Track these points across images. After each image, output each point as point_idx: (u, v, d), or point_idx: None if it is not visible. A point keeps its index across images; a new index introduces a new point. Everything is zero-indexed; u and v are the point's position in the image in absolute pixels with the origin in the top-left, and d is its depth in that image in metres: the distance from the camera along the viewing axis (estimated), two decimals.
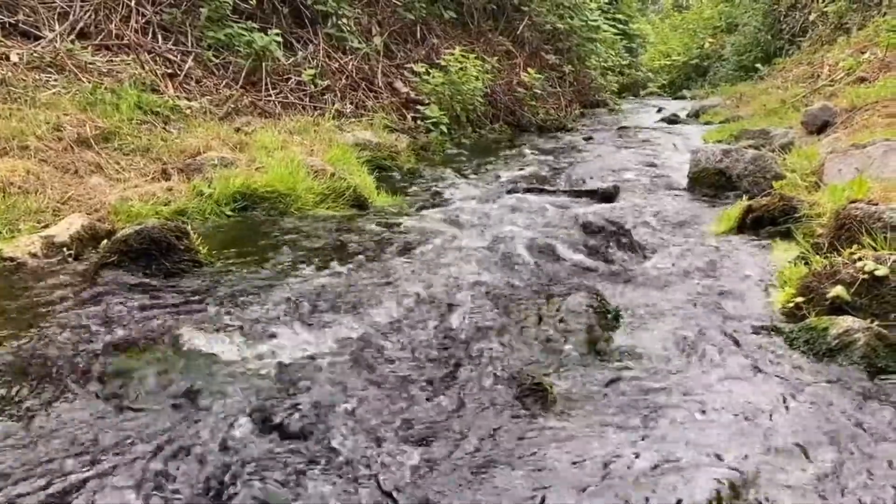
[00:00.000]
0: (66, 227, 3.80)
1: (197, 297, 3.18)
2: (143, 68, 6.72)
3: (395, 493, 1.91)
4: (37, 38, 6.43)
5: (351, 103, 8.65)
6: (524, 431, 2.23)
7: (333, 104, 8.23)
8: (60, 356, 2.54)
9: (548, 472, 2.01)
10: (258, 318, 2.96)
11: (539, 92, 11.85)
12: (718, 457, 2.09)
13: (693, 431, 2.23)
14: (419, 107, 9.21)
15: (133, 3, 7.33)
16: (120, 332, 2.75)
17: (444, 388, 2.47)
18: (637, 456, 2.09)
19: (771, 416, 2.31)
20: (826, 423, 2.27)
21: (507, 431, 2.22)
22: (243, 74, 7.66)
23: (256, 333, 2.82)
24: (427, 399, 2.39)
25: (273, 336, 2.80)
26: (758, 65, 15.83)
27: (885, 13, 11.96)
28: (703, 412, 2.36)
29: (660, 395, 2.48)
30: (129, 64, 6.67)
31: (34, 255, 3.53)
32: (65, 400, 2.28)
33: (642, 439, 2.19)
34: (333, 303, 3.18)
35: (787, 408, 2.36)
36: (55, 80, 5.91)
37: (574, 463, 2.06)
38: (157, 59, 7.12)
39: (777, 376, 2.59)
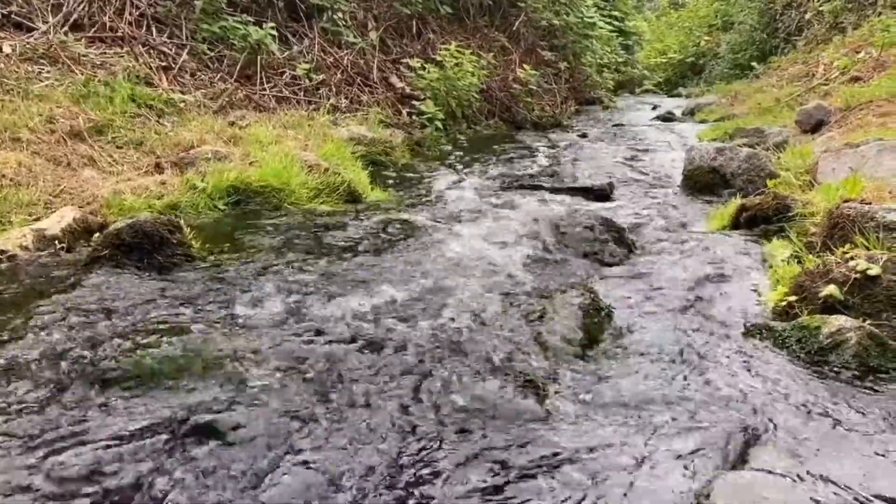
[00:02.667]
0: (58, 220, 3.78)
1: (189, 292, 3.16)
2: (136, 61, 6.69)
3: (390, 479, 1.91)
4: (30, 29, 6.39)
5: (346, 98, 8.63)
6: (517, 427, 2.23)
7: (328, 99, 8.21)
8: (50, 350, 2.52)
9: (536, 466, 2.01)
10: (250, 313, 2.96)
11: (535, 88, 11.83)
12: (704, 454, 2.09)
13: (682, 429, 2.24)
14: (414, 102, 9.19)
15: None
16: (111, 326, 2.73)
17: (434, 384, 2.47)
18: (622, 452, 2.10)
19: (761, 414, 2.32)
20: (815, 422, 2.27)
21: (500, 427, 2.22)
22: (238, 68, 7.63)
23: (247, 328, 2.81)
24: (418, 395, 2.39)
25: (263, 332, 2.79)
26: (753, 63, 15.85)
27: (880, 13, 11.98)
28: (693, 410, 2.36)
29: (650, 393, 2.48)
30: (122, 56, 6.63)
31: (25, 248, 3.51)
32: (54, 394, 2.27)
33: (630, 436, 2.19)
34: (325, 297, 3.17)
35: (776, 407, 2.36)
36: (48, 72, 5.88)
37: (561, 456, 2.06)
38: (152, 51, 7.08)
39: (768, 375, 2.59)
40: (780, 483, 1.92)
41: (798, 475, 1.97)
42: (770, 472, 1.97)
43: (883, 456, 2.09)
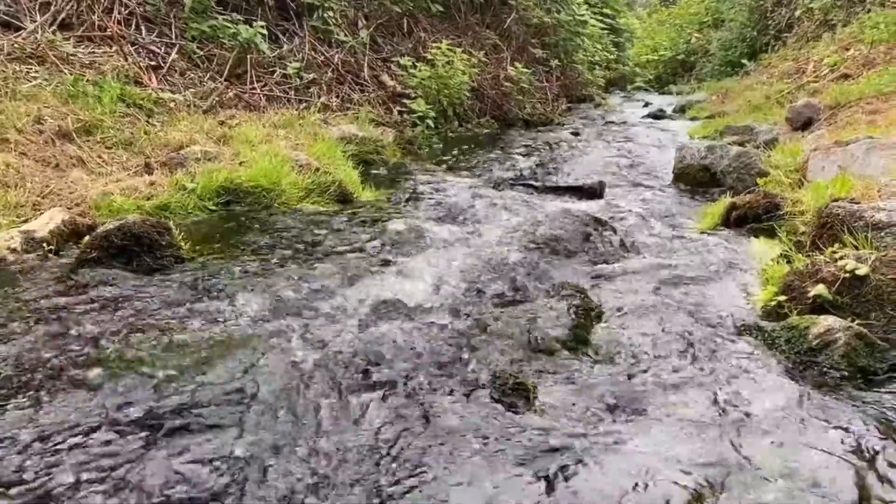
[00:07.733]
0: (47, 222, 3.75)
1: (178, 294, 3.15)
2: (125, 60, 6.65)
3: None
4: (18, 28, 6.34)
5: (337, 97, 8.60)
6: (506, 428, 2.23)
7: (319, 97, 8.18)
8: (38, 353, 2.51)
9: (522, 467, 2.01)
10: (240, 315, 2.95)
11: (526, 86, 11.83)
12: (693, 456, 2.09)
13: (670, 430, 2.24)
14: (405, 101, 9.18)
15: None
16: (100, 329, 2.72)
17: (424, 389, 2.46)
18: (609, 454, 2.10)
19: (748, 416, 2.32)
20: (804, 424, 2.28)
21: (489, 429, 2.22)
22: (228, 67, 7.59)
23: (237, 330, 2.80)
24: (408, 400, 2.39)
25: (253, 333, 2.79)
26: (743, 60, 15.90)
27: (869, 10, 12.03)
28: (682, 411, 2.36)
29: (639, 394, 2.48)
30: (111, 56, 6.59)
31: (13, 251, 3.49)
32: (42, 397, 2.26)
33: (617, 437, 2.19)
34: (316, 299, 3.16)
35: (764, 408, 2.37)
36: (36, 71, 5.83)
37: (547, 458, 2.07)
38: (141, 50, 7.04)
39: (757, 376, 2.60)
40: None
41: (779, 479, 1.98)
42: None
43: (868, 460, 2.10)
